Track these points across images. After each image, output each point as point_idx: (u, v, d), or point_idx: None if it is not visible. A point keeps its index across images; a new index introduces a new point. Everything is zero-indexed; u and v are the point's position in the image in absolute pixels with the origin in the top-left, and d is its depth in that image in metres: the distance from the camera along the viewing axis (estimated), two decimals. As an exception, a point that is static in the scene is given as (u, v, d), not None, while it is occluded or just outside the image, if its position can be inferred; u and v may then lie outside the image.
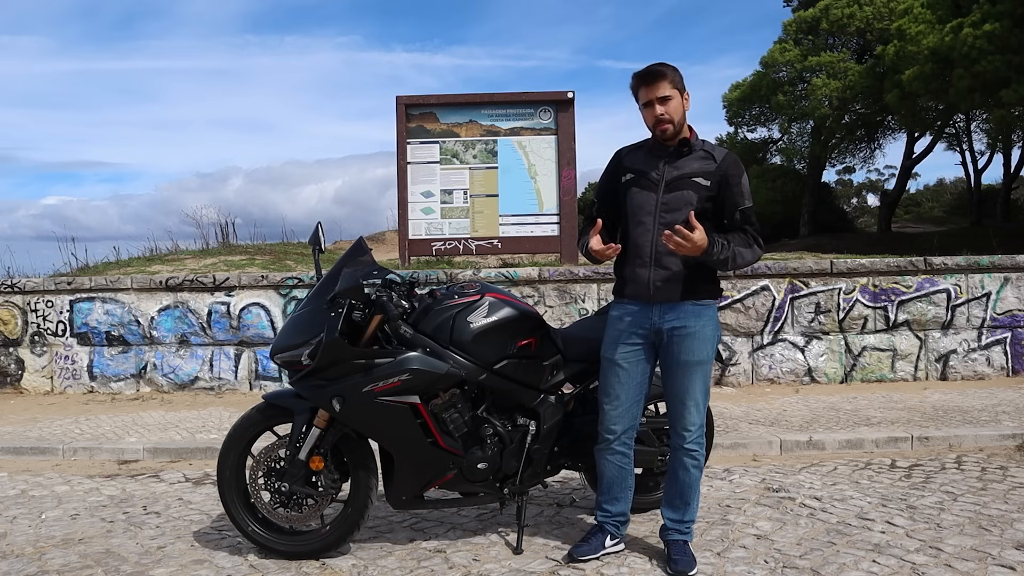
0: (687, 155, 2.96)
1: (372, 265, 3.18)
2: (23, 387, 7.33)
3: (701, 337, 2.96)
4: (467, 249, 8.46)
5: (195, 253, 9.74)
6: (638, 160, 3.05)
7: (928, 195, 43.50)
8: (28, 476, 4.71)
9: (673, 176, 2.95)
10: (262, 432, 3.29)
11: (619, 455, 3.09)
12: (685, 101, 2.96)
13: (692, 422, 2.99)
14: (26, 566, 3.19)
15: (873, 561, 3.02)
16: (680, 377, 2.97)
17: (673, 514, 3.07)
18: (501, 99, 8.60)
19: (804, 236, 23.15)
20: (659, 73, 2.91)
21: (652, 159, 3.01)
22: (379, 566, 3.11)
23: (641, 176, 3.00)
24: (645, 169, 3.00)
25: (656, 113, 2.90)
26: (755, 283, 6.97)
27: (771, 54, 21.34)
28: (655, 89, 2.90)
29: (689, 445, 3.00)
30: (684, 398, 2.97)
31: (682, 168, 2.95)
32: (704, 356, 2.97)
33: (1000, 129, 19.29)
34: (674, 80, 2.92)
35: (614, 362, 3.02)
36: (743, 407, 6.03)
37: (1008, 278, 7.06)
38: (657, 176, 2.97)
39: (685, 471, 3.03)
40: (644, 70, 2.94)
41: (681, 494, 3.05)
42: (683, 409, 2.99)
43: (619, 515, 3.15)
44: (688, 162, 2.96)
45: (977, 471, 4.28)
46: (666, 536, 3.09)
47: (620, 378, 3.02)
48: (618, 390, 3.02)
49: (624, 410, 3.03)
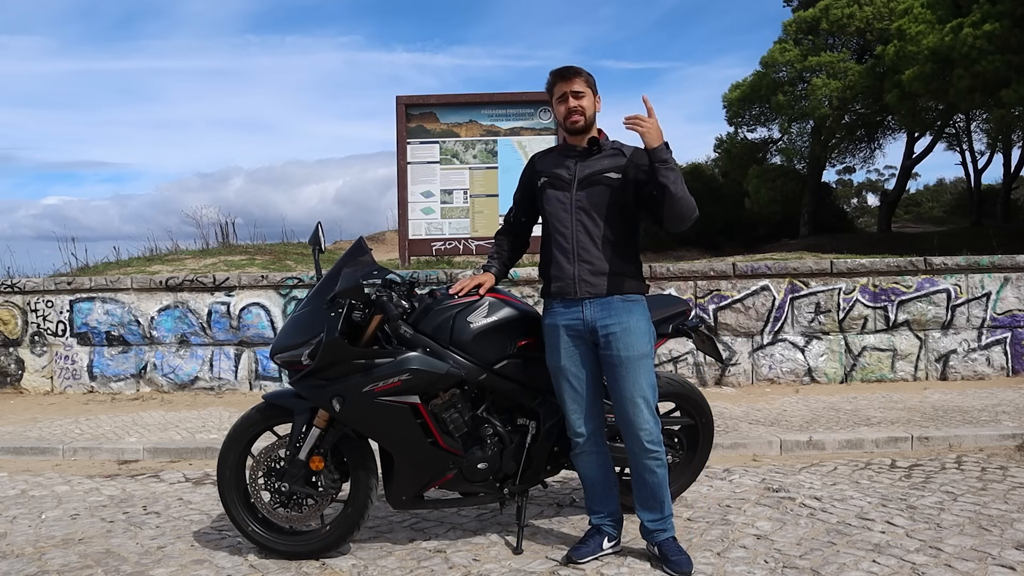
0: (597, 154, 3.06)
1: (372, 265, 3.18)
2: (23, 387, 7.33)
3: (635, 331, 2.99)
4: (467, 249, 8.46)
5: (195, 253, 9.73)
6: (550, 163, 3.16)
7: (928, 195, 43.50)
8: (28, 476, 4.71)
9: (585, 174, 3.05)
10: (262, 432, 3.29)
11: (594, 455, 3.10)
12: (597, 103, 3.09)
13: (646, 420, 2.97)
14: (26, 566, 3.19)
15: (873, 561, 3.02)
16: (623, 375, 2.97)
17: (651, 515, 3.07)
18: (501, 99, 8.61)
19: (804, 236, 23.17)
20: (575, 70, 3.06)
21: (563, 159, 3.12)
22: (379, 566, 3.11)
23: (554, 178, 3.10)
24: (557, 170, 3.11)
25: (569, 105, 3.03)
26: (755, 283, 6.97)
27: (771, 54, 21.35)
28: (570, 83, 3.03)
29: (649, 446, 2.98)
30: (633, 396, 2.96)
31: (593, 166, 3.05)
32: (642, 350, 2.99)
33: (1000, 129, 19.28)
34: (588, 80, 3.07)
35: (561, 368, 3.05)
36: (743, 407, 6.04)
37: (1008, 278, 7.06)
38: (569, 176, 3.07)
39: (651, 473, 3.01)
40: (561, 67, 3.11)
41: (654, 495, 3.05)
42: (634, 409, 2.97)
43: (612, 514, 3.15)
44: (598, 160, 3.06)
45: (977, 471, 4.28)
46: (652, 537, 3.07)
47: (571, 382, 3.05)
48: (573, 394, 3.05)
49: (586, 411, 3.05)
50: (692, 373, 6.94)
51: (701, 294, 6.97)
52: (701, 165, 30.69)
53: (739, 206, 25.70)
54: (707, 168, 30.54)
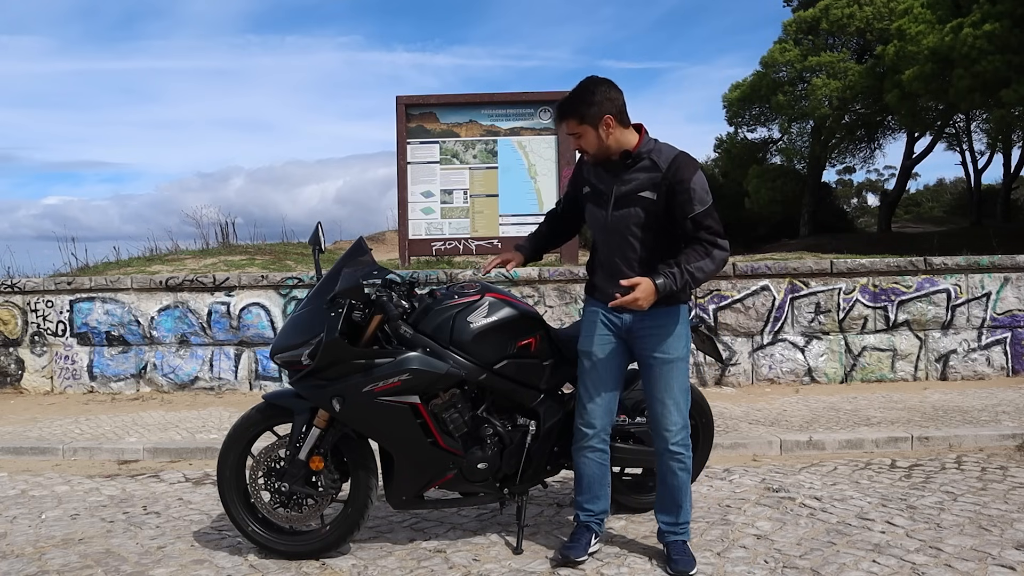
0: (632, 167, 2.95)
1: (372, 265, 3.18)
2: (23, 387, 7.33)
3: (671, 334, 2.97)
4: (467, 249, 8.47)
5: (195, 253, 9.74)
6: (594, 173, 3.08)
7: (928, 195, 43.47)
8: (28, 476, 4.71)
9: (621, 192, 2.95)
10: (262, 432, 3.29)
11: (599, 452, 3.10)
12: (603, 127, 2.89)
13: (673, 422, 2.99)
14: (26, 566, 3.19)
15: (873, 561, 3.02)
16: (656, 376, 2.99)
17: (668, 518, 3.09)
18: (501, 99, 8.61)
19: (804, 236, 23.15)
20: (565, 112, 2.96)
21: (604, 173, 3.03)
22: (379, 566, 3.11)
23: (595, 191, 3.06)
24: (598, 184, 3.05)
25: (572, 147, 2.99)
26: (755, 283, 6.97)
27: (771, 54, 21.34)
28: (565, 127, 3.00)
29: (673, 447, 2.99)
30: (663, 397, 2.98)
31: (629, 183, 2.94)
32: (677, 353, 2.99)
33: (1000, 129, 19.27)
34: (582, 116, 2.89)
35: (591, 354, 3.05)
36: (743, 407, 6.03)
37: (1008, 278, 7.06)
38: (607, 192, 3.00)
39: (673, 475, 3.03)
40: (557, 107, 3.03)
41: (673, 498, 3.06)
42: (663, 410, 2.98)
43: (602, 513, 3.17)
44: (634, 175, 2.93)
45: (977, 471, 4.28)
46: (664, 538, 3.10)
47: (598, 369, 3.04)
48: (596, 382, 3.05)
49: (602, 404, 3.05)
50: (692, 373, 6.94)
51: (701, 294, 6.96)
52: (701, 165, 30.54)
53: (739, 206, 25.69)
54: (707, 168, 30.46)
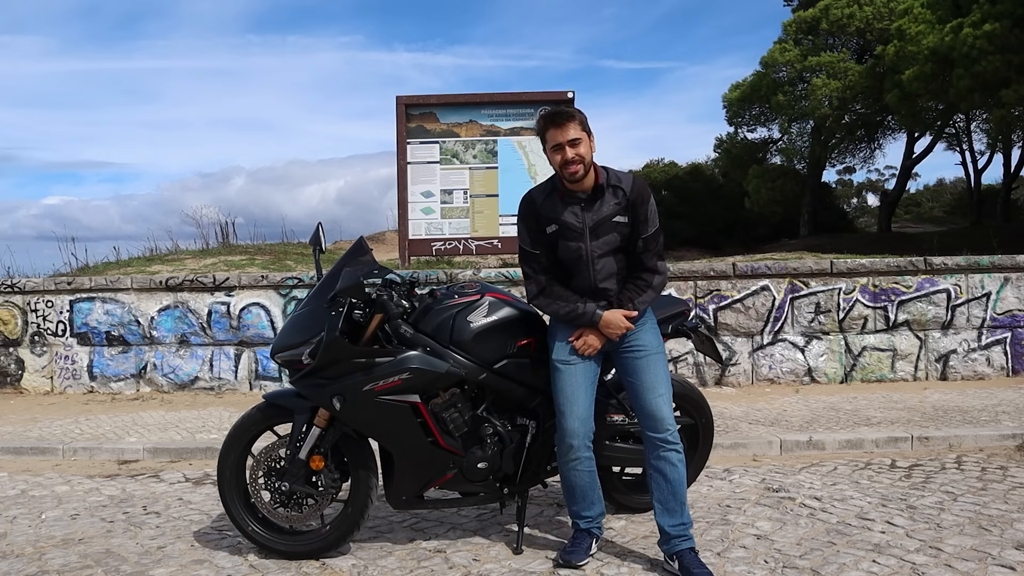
0: (601, 197, 3.00)
1: (372, 265, 3.18)
2: (23, 387, 7.33)
3: (648, 329, 3.07)
4: (467, 249, 8.46)
5: (195, 253, 9.74)
6: (556, 210, 3.04)
7: (928, 195, 43.47)
8: (28, 476, 4.71)
9: (595, 222, 2.99)
10: (262, 432, 3.29)
11: (585, 461, 3.05)
12: (592, 143, 2.99)
13: (668, 411, 2.99)
14: (26, 566, 3.19)
15: (873, 561, 3.02)
16: (643, 367, 3.00)
17: (672, 519, 2.98)
18: (501, 99, 8.61)
19: (804, 236, 23.16)
20: (568, 115, 2.95)
21: (568, 208, 3.02)
22: (379, 566, 3.11)
23: (564, 228, 3.02)
24: (566, 220, 3.02)
25: (566, 156, 2.93)
26: (755, 283, 6.97)
27: (771, 54, 21.35)
28: (564, 131, 2.93)
29: (672, 437, 2.97)
30: (655, 386, 2.98)
31: (601, 212, 2.99)
32: (656, 346, 3.06)
33: (1000, 129, 19.27)
34: (583, 122, 2.96)
35: (567, 362, 3.03)
36: (743, 407, 6.04)
37: (1008, 278, 7.06)
38: (579, 225, 3.00)
39: (673, 468, 2.97)
40: (552, 112, 2.98)
41: (674, 493, 2.98)
42: (655, 399, 2.97)
43: (599, 516, 3.15)
44: (604, 204, 3.00)
45: (977, 471, 4.28)
46: (672, 547, 2.95)
47: (576, 376, 3.02)
48: (575, 387, 3.01)
49: (583, 411, 3.01)
50: (692, 373, 6.94)
51: (701, 294, 6.97)
52: (701, 165, 30.69)
53: (739, 206, 25.72)
54: (707, 168, 30.54)
